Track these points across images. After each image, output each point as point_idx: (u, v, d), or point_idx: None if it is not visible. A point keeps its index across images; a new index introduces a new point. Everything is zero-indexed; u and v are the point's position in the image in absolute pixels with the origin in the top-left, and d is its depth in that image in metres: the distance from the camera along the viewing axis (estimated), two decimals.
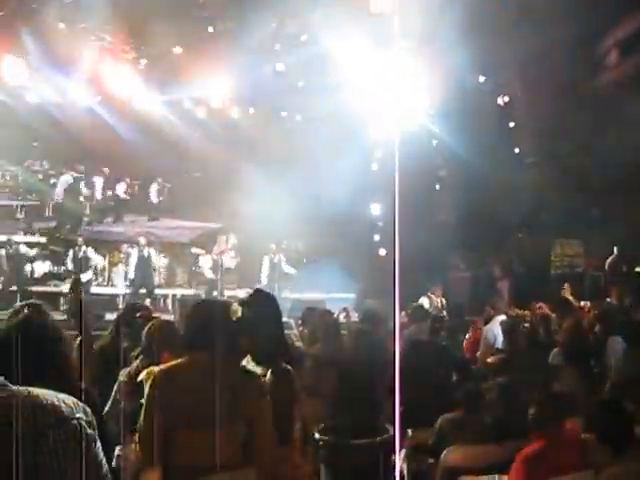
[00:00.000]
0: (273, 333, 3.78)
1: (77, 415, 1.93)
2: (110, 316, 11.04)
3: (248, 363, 3.71)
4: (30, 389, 1.90)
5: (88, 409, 1.99)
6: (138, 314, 5.08)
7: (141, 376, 4.25)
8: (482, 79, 15.31)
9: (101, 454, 2.01)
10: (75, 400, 1.98)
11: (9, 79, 14.77)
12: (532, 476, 3.77)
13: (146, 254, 15.00)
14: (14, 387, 1.89)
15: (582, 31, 12.53)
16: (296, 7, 13.50)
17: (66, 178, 17.84)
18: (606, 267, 14.64)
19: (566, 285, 12.07)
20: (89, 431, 1.95)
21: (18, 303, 2.55)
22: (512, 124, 16.32)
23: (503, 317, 8.51)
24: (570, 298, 11.02)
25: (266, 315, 3.80)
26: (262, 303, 3.87)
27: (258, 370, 3.61)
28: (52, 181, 18.08)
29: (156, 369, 3.46)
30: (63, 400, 1.93)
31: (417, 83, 14.44)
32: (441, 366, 6.39)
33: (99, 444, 1.99)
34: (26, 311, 2.39)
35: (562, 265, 16.77)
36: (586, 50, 13.74)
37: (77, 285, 4.09)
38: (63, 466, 1.85)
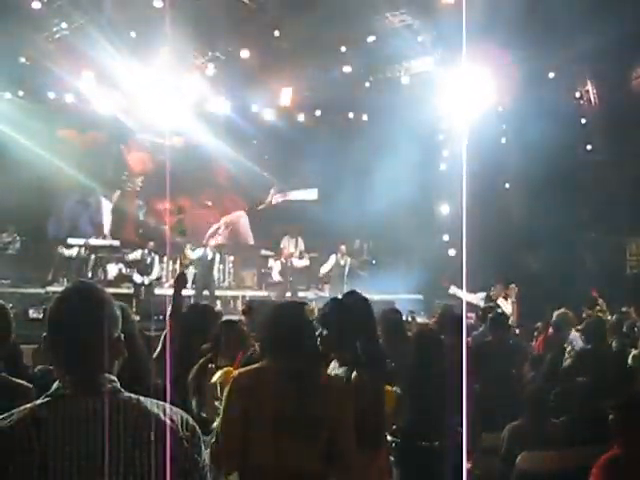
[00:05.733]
0: (365, 336, 3.74)
1: (180, 434, 1.81)
2: None
3: (334, 368, 3.70)
4: (141, 398, 1.82)
5: (198, 430, 1.87)
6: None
7: (215, 377, 4.24)
8: (552, 75, 14.95)
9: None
10: (186, 417, 1.86)
11: (82, 88, 15.29)
12: None
13: (210, 256, 15.03)
14: (126, 394, 1.82)
15: None
16: (362, 8, 13.47)
17: None
18: None
19: None
20: (193, 454, 1.83)
21: None
22: (583, 120, 15.88)
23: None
24: None
25: (361, 318, 3.77)
26: (358, 305, 3.84)
27: (341, 372, 3.59)
28: None
29: (235, 372, 3.44)
30: (170, 416, 1.81)
31: (485, 81, 14.23)
32: (511, 366, 6.25)
33: (206, 470, 1.88)
34: None
35: (638, 265, 16.24)
36: None
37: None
38: None
